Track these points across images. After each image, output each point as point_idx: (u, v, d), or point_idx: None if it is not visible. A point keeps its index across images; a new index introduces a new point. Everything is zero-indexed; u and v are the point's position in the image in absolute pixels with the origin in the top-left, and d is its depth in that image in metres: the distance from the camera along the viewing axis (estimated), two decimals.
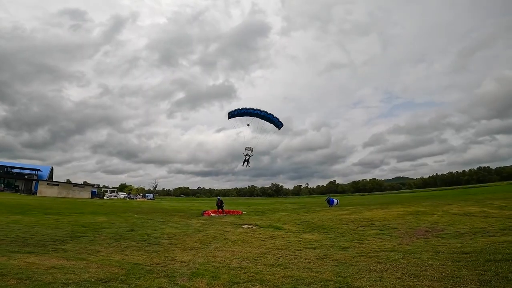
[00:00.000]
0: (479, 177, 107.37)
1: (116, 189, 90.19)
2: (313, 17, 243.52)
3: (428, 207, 18.52)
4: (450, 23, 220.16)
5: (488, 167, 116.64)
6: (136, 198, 72.23)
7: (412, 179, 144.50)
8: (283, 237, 9.59)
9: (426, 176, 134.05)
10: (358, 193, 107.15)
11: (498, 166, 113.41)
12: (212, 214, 22.52)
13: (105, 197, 62.93)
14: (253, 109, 19.79)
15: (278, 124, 20.83)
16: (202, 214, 22.02)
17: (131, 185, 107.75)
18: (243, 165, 20.68)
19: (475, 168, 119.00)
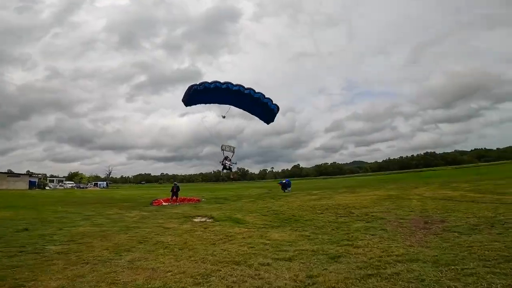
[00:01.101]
0: (426, 161, 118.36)
1: (64, 178, 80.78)
2: (286, 4, 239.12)
3: (397, 191, 17.63)
4: (413, 17, 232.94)
5: (434, 152, 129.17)
6: (86, 187, 65.49)
7: (368, 163, 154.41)
8: (244, 237, 6.94)
9: (380, 161, 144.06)
10: (321, 177, 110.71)
11: (442, 152, 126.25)
12: (164, 203, 19.09)
13: (47, 188, 55.07)
14: (230, 85, 12.61)
15: (270, 113, 14.45)
16: (151, 204, 18.55)
17: (82, 174, 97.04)
18: (222, 170, 15.97)
19: (422, 153, 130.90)
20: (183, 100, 13.89)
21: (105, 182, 78.24)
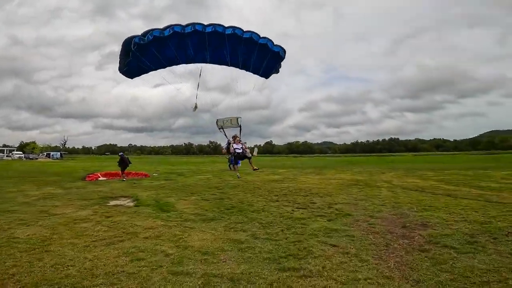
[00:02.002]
0: (390, 146, 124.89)
1: (15, 148, 71.80)
2: None
3: (364, 175, 16.49)
4: (398, 9, 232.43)
5: (398, 138, 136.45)
6: (37, 158, 58.94)
7: (337, 144, 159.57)
8: (146, 238, 4.62)
9: (348, 143, 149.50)
10: (292, 155, 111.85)
11: (405, 139, 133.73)
12: (101, 178, 16.10)
13: None
14: (218, 27, 7.67)
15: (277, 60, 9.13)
16: (84, 179, 15.38)
17: (34, 143, 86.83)
18: (232, 162, 10.81)
19: (387, 139, 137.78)
20: (120, 69, 8.56)
21: (59, 153, 70.41)
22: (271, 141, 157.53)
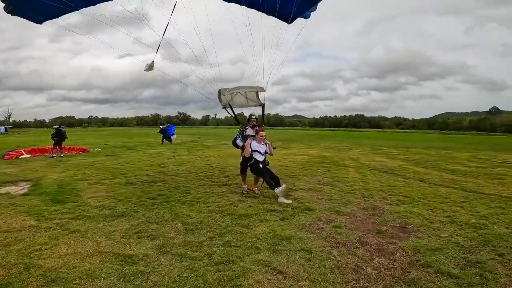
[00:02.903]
0: (355, 122, 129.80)
1: None
2: None
3: (332, 151, 15.54)
4: None
5: (363, 115, 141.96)
6: None
7: (306, 118, 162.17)
8: None
9: (317, 117, 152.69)
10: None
11: (370, 116, 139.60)
12: (24, 155, 13.00)
13: None
14: None
15: None
16: (3, 157, 12.15)
17: None
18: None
19: (353, 115, 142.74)
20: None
21: (3, 127, 60.82)
22: (242, 113, 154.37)
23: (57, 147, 12.60)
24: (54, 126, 13.77)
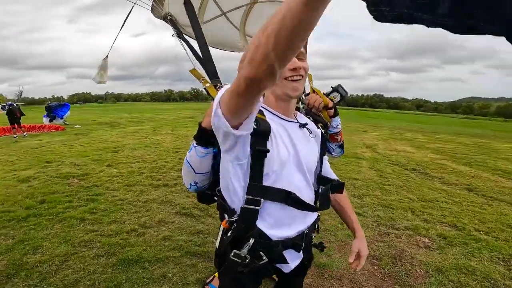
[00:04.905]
0: (372, 102, 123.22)
1: None
2: None
3: (344, 133, 13.01)
4: None
5: (382, 95, 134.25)
6: None
7: None
8: None
9: None
10: None
11: (389, 96, 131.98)
12: None
13: None
14: None
15: None
16: None
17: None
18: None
19: (371, 94, 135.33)
20: None
21: (14, 104, 59.36)
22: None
23: (15, 126, 10.90)
24: (7, 104, 11.78)
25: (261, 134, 0.84)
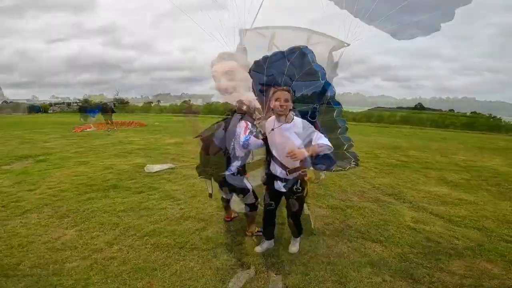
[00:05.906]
0: (460, 108, 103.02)
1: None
2: None
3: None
4: None
5: (474, 98, 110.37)
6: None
7: (396, 98, 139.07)
8: None
9: (409, 98, 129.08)
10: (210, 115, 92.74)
11: (482, 100, 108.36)
12: (91, 128, 13.97)
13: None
14: None
15: None
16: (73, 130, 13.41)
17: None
18: None
19: (459, 97, 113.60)
20: None
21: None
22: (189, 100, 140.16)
23: (108, 121, 13.33)
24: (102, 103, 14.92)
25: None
